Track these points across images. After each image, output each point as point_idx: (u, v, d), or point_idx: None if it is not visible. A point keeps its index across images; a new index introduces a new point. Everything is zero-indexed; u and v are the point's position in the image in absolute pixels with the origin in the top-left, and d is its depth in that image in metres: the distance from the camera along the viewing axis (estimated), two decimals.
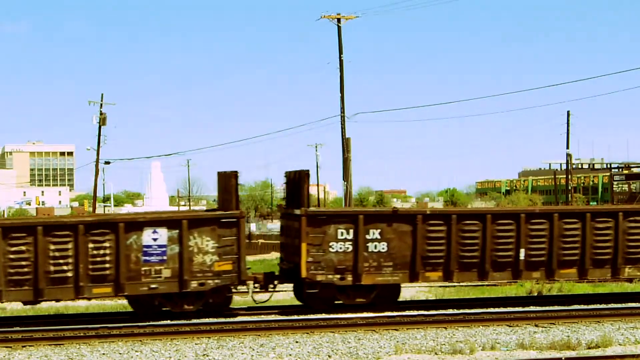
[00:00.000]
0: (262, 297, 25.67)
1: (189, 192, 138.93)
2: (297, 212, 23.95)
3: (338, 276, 23.77)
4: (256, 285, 24.22)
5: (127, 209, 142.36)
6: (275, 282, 24.80)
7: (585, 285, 32.03)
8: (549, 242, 24.74)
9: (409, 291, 31.68)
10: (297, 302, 25.41)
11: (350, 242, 23.74)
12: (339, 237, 23.73)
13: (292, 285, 25.23)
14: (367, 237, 23.80)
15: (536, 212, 25.14)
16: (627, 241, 25.12)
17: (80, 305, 28.99)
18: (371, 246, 23.85)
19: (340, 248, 23.75)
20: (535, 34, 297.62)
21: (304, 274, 23.59)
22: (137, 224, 22.67)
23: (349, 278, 23.76)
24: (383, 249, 23.91)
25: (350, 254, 23.75)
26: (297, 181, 24.83)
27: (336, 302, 24.24)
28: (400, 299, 28.46)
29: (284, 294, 29.68)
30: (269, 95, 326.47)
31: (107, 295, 23.34)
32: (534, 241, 24.71)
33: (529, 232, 24.63)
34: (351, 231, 23.74)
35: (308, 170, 24.27)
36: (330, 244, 23.68)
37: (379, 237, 23.90)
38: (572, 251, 24.89)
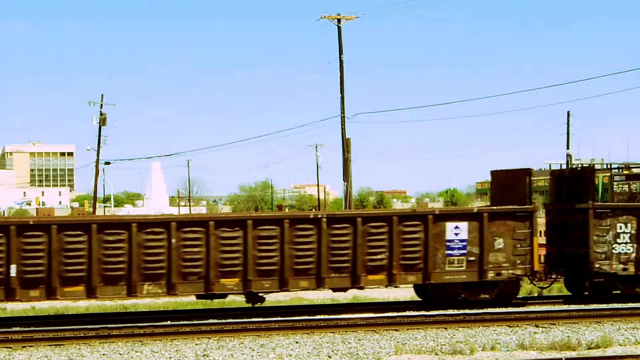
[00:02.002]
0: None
1: (189, 193, 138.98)
2: None
3: None
4: None
5: (127, 209, 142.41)
6: None
7: None
8: (48, 258, 22.09)
9: (410, 291, 31.65)
10: None
11: None
12: None
13: None
14: None
15: (30, 224, 22.28)
16: (144, 255, 22.66)
17: (81, 305, 29.01)
18: None
19: None
20: (535, 34, 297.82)
21: None
22: None
23: None
24: None
25: None
26: None
27: None
28: (400, 299, 28.45)
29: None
30: (269, 96, 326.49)
31: None
32: (30, 256, 22.05)
33: (22, 246, 21.98)
34: None
35: None
36: None
37: None
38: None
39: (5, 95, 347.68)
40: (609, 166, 40.32)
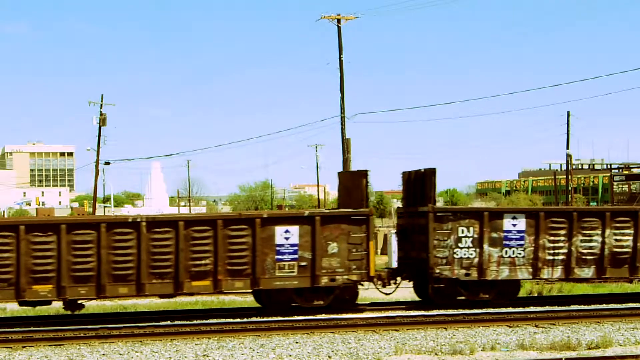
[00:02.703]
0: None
1: (189, 193, 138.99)
2: None
3: None
4: None
5: (126, 209, 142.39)
6: None
7: (585, 286, 32.05)
8: None
9: (409, 292, 31.63)
10: None
11: None
12: None
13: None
14: None
15: None
16: None
17: None
18: None
19: None
20: (535, 34, 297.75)
21: None
22: None
23: None
24: None
25: None
26: None
27: None
28: (400, 299, 28.43)
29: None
30: (269, 96, 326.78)
31: None
32: None
33: None
34: None
35: None
36: None
37: None
38: None
39: (5, 95, 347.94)
40: (608, 166, 40.19)
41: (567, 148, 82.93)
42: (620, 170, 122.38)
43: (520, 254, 25.02)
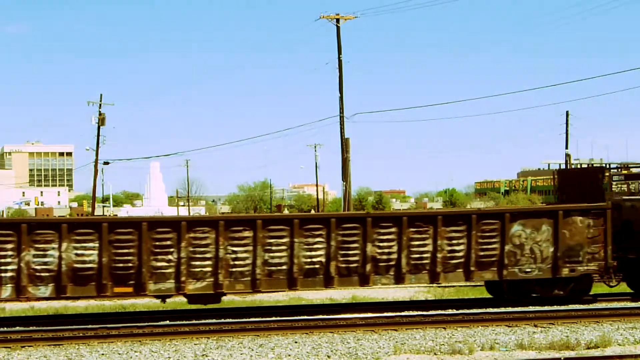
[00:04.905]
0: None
1: (188, 193, 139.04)
2: None
3: None
4: None
5: (125, 209, 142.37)
6: None
7: None
8: None
9: (408, 291, 31.68)
10: None
11: None
12: None
13: None
14: None
15: None
16: None
17: (80, 305, 28.97)
18: None
19: None
20: (535, 34, 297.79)
21: None
22: None
23: None
24: None
25: None
26: None
27: None
28: (399, 299, 28.48)
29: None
30: (269, 95, 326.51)
31: None
32: None
33: None
34: None
35: None
36: None
37: None
38: None
39: (4, 96, 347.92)
40: (607, 166, 40.12)
41: (566, 148, 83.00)
42: (619, 169, 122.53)
43: None
